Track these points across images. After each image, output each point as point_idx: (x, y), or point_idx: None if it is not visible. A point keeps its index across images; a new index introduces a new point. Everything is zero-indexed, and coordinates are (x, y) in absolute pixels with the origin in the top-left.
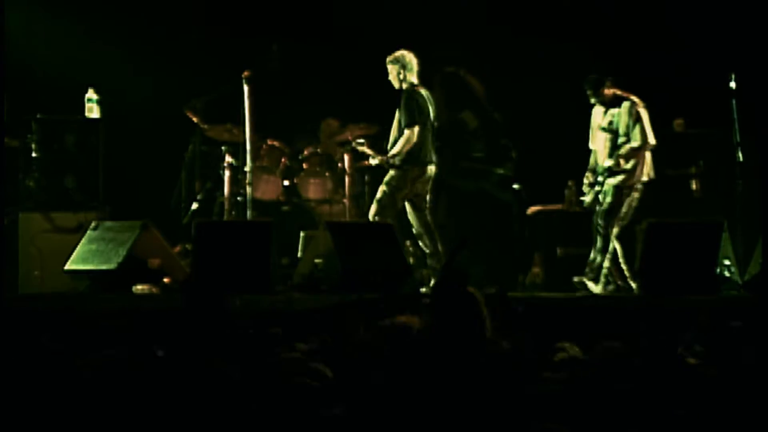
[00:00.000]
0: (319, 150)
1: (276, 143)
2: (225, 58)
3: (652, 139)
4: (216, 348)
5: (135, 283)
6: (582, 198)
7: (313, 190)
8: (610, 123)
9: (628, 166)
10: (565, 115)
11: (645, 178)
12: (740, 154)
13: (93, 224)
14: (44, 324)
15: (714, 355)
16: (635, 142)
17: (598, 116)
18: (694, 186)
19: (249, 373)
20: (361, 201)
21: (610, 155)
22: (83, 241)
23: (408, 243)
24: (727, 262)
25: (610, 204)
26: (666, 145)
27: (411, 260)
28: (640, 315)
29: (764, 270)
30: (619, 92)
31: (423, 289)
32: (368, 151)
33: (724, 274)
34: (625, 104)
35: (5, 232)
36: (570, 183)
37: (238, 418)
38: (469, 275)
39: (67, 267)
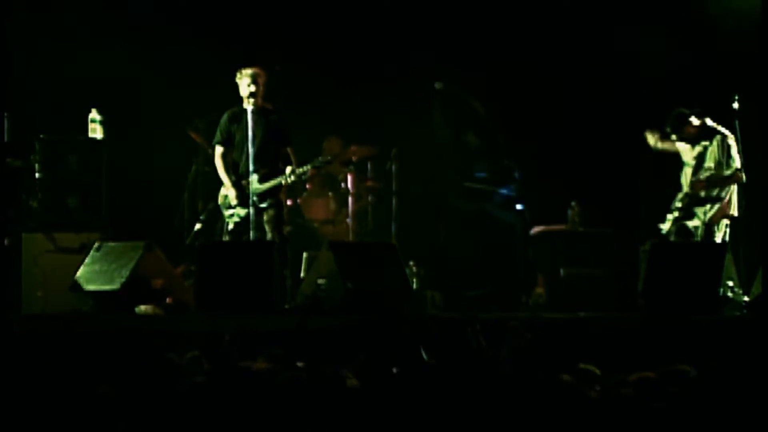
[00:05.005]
0: (321, 170)
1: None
2: (228, 78)
3: (740, 174)
4: None
5: (138, 304)
6: (660, 225)
7: (316, 210)
8: (697, 157)
9: (713, 192)
10: (568, 136)
11: (734, 213)
12: (743, 175)
13: (96, 244)
14: (48, 344)
15: None
16: (729, 171)
17: (685, 151)
18: None
19: None
20: (364, 221)
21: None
22: (86, 261)
23: (411, 263)
24: (730, 283)
25: (704, 239)
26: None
27: (414, 281)
28: (643, 334)
29: (765, 291)
30: (709, 124)
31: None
32: None
33: (726, 295)
34: (718, 138)
35: (8, 252)
36: (573, 203)
37: None
38: None
39: (70, 287)
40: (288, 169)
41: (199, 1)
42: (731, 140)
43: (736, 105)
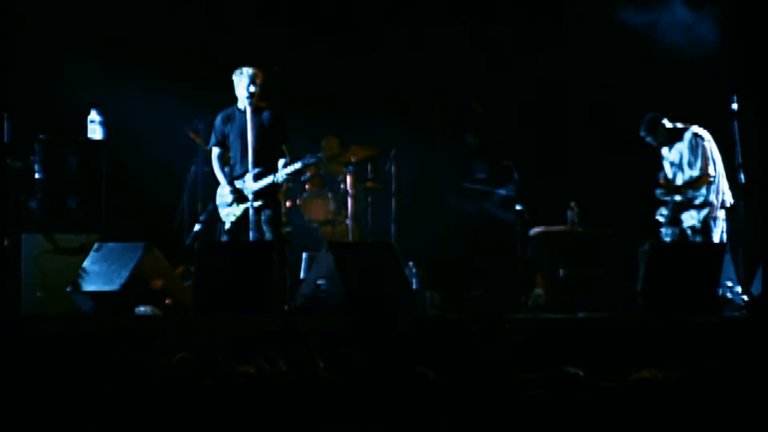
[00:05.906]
0: (321, 170)
1: None
2: (227, 79)
3: (711, 170)
4: None
5: (138, 305)
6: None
7: (316, 210)
8: (674, 159)
9: (699, 197)
10: (568, 136)
11: (727, 204)
12: (742, 176)
13: (96, 245)
14: (47, 345)
15: None
16: (695, 172)
17: (664, 153)
18: None
19: None
20: (364, 221)
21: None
22: (86, 262)
23: (411, 264)
24: (729, 284)
25: (704, 239)
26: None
27: (414, 281)
28: (642, 335)
29: (765, 292)
30: (680, 125)
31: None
32: None
33: (726, 295)
34: (686, 136)
35: (8, 252)
36: (572, 204)
37: None
38: None
39: (70, 288)
40: (279, 164)
41: (199, 0)
42: (702, 139)
43: (735, 106)
